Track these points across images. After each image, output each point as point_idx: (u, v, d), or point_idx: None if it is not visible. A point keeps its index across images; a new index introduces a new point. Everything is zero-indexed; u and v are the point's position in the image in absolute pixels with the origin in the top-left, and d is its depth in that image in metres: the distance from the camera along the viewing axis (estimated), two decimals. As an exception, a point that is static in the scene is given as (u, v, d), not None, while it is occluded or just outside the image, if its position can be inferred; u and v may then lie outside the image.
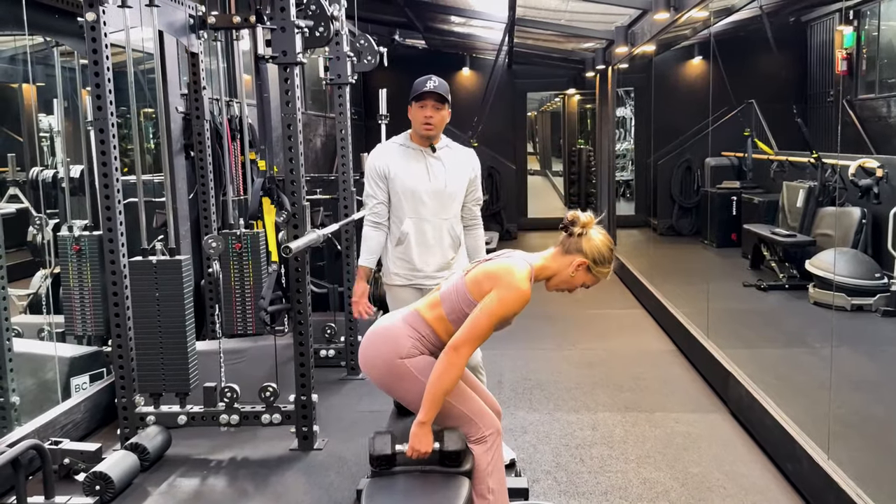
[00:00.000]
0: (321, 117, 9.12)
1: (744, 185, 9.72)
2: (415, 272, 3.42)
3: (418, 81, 3.38)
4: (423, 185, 3.37)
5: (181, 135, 4.93)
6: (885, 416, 3.98)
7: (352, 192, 4.93)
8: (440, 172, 3.39)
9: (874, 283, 6.04)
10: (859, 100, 9.77)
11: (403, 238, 3.39)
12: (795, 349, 5.31)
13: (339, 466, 3.61)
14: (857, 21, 9.77)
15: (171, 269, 3.67)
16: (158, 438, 3.66)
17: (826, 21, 10.54)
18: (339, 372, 5.00)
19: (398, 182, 3.37)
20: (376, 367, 2.53)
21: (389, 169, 3.38)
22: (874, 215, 6.57)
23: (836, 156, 7.38)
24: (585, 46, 9.89)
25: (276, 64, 3.53)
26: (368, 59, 4.80)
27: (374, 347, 2.54)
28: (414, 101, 3.35)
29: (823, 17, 10.52)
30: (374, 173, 3.41)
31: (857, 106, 9.78)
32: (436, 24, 9.53)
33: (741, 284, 7.31)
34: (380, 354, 2.51)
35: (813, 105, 10.88)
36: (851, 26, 9.79)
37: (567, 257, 2.53)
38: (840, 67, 10.03)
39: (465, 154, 3.51)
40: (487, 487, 2.48)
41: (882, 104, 9.20)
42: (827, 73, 10.58)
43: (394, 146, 3.47)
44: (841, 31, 9.96)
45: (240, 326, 4.58)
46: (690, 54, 11.20)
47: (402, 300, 3.42)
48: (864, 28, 9.73)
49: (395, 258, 3.44)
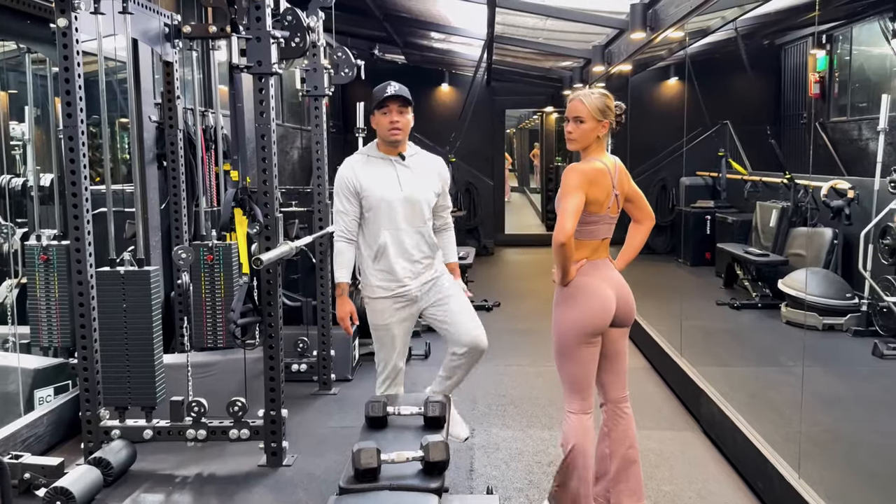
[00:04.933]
0: (298, 130, 9.08)
1: (718, 205, 9.81)
2: (398, 283, 3.37)
3: (377, 89, 3.36)
4: (395, 194, 3.32)
5: (154, 144, 4.87)
6: (854, 435, 4.00)
7: (327, 205, 4.90)
8: (411, 180, 3.36)
9: (845, 303, 6.11)
10: (831, 122, 9.93)
11: (382, 250, 3.33)
12: (767, 368, 5.34)
13: (308, 483, 3.54)
14: (829, 45, 9.95)
15: (139, 280, 3.61)
16: (123, 453, 3.58)
17: (800, 45, 10.72)
18: (310, 387, 4.94)
19: (371, 195, 3.32)
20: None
21: (360, 182, 3.33)
22: (845, 236, 6.65)
23: (809, 177, 7.48)
24: (563, 65, 9.97)
25: (250, 74, 3.50)
26: (346, 71, 4.79)
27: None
28: (376, 109, 3.33)
29: (797, 40, 10.70)
30: (345, 188, 3.35)
31: (829, 128, 9.94)
32: (415, 39, 9.55)
33: (714, 303, 7.36)
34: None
35: (786, 127, 11.04)
36: (824, 50, 9.97)
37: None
38: (813, 90, 10.20)
39: (433, 160, 3.50)
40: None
41: (853, 127, 9.35)
42: (800, 95, 10.75)
43: (361, 158, 3.42)
44: (814, 55, 10.14)
45: (210, 340, 4.51)
46: (667, 74, 11.32)
47: (383, 312, 3.40)
48: (837, 52, 9.91)
49: (375, 271, 3.38)
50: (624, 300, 2.95)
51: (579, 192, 2.77)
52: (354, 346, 5.34)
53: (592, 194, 2.81)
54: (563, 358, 2.94)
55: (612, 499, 3.05)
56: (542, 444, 3.99)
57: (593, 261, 2.92)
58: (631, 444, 3.03)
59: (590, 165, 2.85)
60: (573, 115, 2.90)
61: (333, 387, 4.95)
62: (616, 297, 2.91)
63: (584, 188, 2.78)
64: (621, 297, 2.94)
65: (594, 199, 2.82)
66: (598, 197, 2.83)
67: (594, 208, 2.84)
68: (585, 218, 2.82)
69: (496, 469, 3.68)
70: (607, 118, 2.89)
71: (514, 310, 7.54)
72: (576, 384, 2.95)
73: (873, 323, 5.79)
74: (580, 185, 2.78)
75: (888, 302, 5.51)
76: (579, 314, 2.86)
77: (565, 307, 2.90)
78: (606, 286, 2.90)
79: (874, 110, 8.73)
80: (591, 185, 2.81)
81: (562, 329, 2.90)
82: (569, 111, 2.92)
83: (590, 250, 2.91)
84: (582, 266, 2.89)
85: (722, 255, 8.41)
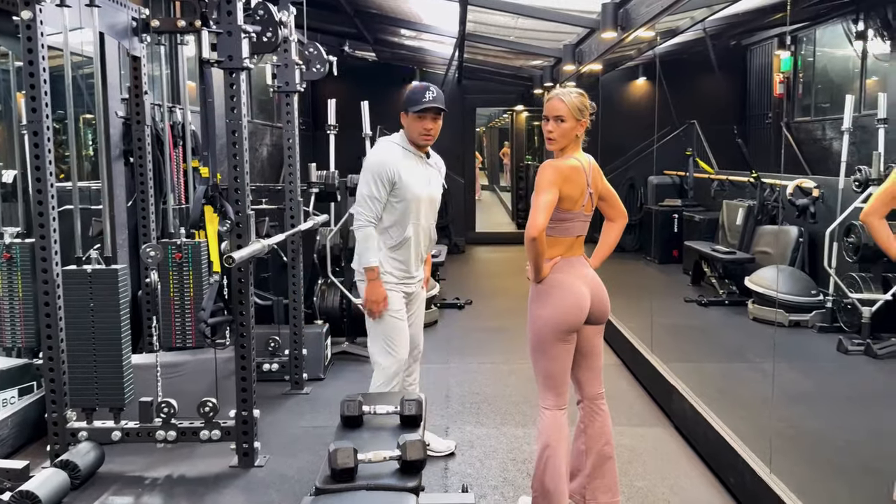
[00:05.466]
0: (268, 126, 8.99)
1: (685, 203, 9.92)
2: (407, 275, 3.51)
3: (416, 91, 3.42)
4: (423, 191, 3.45)
5: (121, 140, 4.77)
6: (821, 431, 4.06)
7: (298, 203, 4.85)
8: (432, 179, 3.51)
9: (810, 300, 6.22)
10: (796, 122, 10.11)
11: (405, 242, 3.44)
12: (736, 364, 5.41)
13: (281, 484, 3.50)
14: (794, 46, 10.13)
15: (106, 279, 3.53)
16: (91, 455, 3.50)
17: (765, 46, 10.89)
18: (282, 386, 4.88)
19: (406, 188, 3.39)
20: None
21: (399, 173, 3.38)
22: (810, 234, 6.77)
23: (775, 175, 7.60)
24: (534, 63, 10.00)
25: (221, 69, 3.45)
26: (318, 67, 4.74)
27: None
28: (411, 110, 3.38)
29: (762, 41, 10.87)
30: (384, 175, 3.37)
31: (793, 128, 10.12)
32: (386, 36, 9.51)
33: (682, 300, 7.44)
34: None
35: (752, 126, 11.21)
36: (789, 51, 10.14)
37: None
38: (778, 91, 10.38)
39: (440, 160, 3.65)
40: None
41: (817, 127, 9.53)
42: (765, 96, 10.93)
43: (398, 149, 3.46)
44: (779, 56, 10.31)
45: (179, 339, 4.43)
46: (636, 74, 11.42)
47: (393, 298, 3.48)
48: (801, 53, 10.09)
49: (390, 258, 3.47)
50: (598, 297, 2.97)
51: (553, 188, 2.78)
52: (327, 345, 5.30)
53: (567, 191, 2.82)
54: (537, 354, 2.95)
55: (587, 495, 3.06)
56: (517, 442, 3.99)
57: (568, 258, 2.93)
58: (607, 441, 3.05)
59: (565, 163, 2.86)
60: (554, 114, 2.90)
61: (305, 386, 4.90)
62: (591, 294, 2.93)
63: (558, 185, 2.79)
64: (596, 294, 2.96)
65: (568, 196, 2.83)
66: (572, 194, 2.84)
67: (568, 205, 2.85)
68: (560, 215, 2.83)
69: (471, 467, 3.68)
70: (585, 117, 2.90)
71: (485, 308, 7.54)
72: (550, 380, 2.96)
73: (838, 319, 5.90)
74: (554, 182, 2.78)
75: (852, 298, 5.61)
76: (553, 311, 2.87)
77: (540, 304, 2.90)
78: (581, 283, 2.92)
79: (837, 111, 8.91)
80: (566, 182, 2.82)
81: (537, 325, 2.91)
82: (548, 110, 2.92)
83: (564, 247, 2.92)
84: (556, 263, 2.90)
85: (689, 252, 8.51)
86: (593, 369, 3.06)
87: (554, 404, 2.96)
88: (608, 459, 3.05)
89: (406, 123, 3.46)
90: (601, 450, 3.04)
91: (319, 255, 5.84)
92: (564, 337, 2.89)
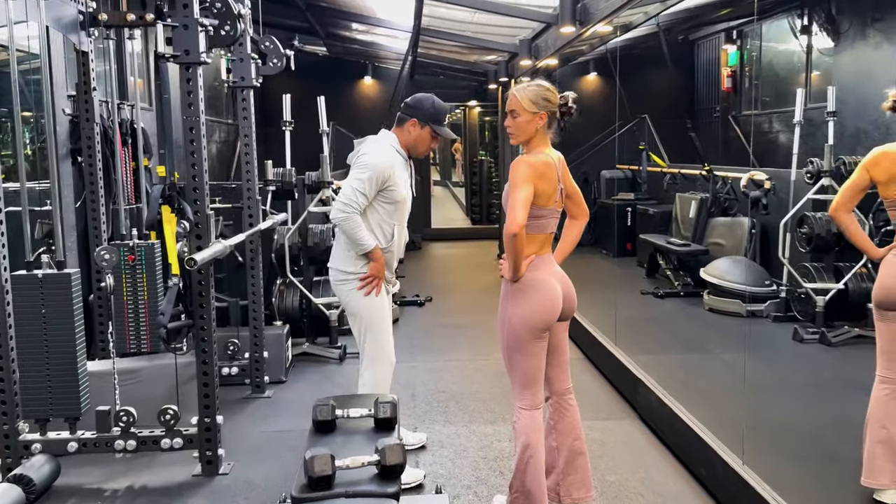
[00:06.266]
0: (217, 122, 8.78)
1: (638, 197, 10.04)
2: (389, 272, 3.54)
3: (440, 110, 3.51)
4: (408, 194, 3.51)
5: (68, 139, 4.58)
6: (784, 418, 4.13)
7: (257, 201, 4.72)
8: (413, 182, 3.56)
9: (765, 290, 6.34)
10: (743, 115, 10.31)
11: (392, 244, 3.50)
12: (697, 355, 5.48)
13: (249, 492, 3.40)
14: (740, 41, 10.32)
15: (59, 284, 3.36)
16: (46, 468, 3.35)
17: (712, 40, 11.07)
18: (242, 390, 4.76)
19: (398, 191, 3.42)
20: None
21: (395, 179, 3.40)
22: (763, 225, 6.91)
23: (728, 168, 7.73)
24: (488, 59, 9.97)
25: (177, 63, 3.32)
26: (274, 61, 4.62)
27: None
28: (434, 127, 3.46)
29: (710, 35, 11.05)
30: (381, 177, 3.38)
31: (740, 121, 10.32)
32: (338, 30, 9.37)
33: (639, 292, 7.52)
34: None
35: (700, 120, 11.40)
36: (735, 45, 10.33)
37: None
38: (725, 85, 10.57)
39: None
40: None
41: (764, 120, 9.74)
42: (713, 90, 11.12)
43: (396, 154, 3.48)
44: (726, 50, 10.50)
45: (133, 344, 4.27)
46: (588, 69, 11.51)
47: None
48: (747, 48, 10.28)
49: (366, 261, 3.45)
50: (568, 294, 2.97)
51: (528, 183, 2.74)
52: (287, 347, 5.18)
53: (541, 187, 2.79)
54: (514, 353, 2.91)
55: (561, 492, 3.04)
56: (487, 440, 3.96)
57: (542, 255, 2.91)
58: (577, 436, 3.04)
59: (538, 158, 2.82)
60: (508, 108, 2.91)
61: (267, 389, 4.78)
62: (562, 290, 2.91)
63: (532, 180, 2.76)
64: (566, 290, 2.95)
65: (542, 192, 2.80)
66: (546, 190, 2.81)
67: (542, 201, 2.81)
68: (535, 211, 2.79)
69: (442, 467, 3.63)
70: (545, 110, 2.85)
71: (445, 304, 7.50)
72: (527, 379, 2.93)
73: (792, 308, 6.02)
74: (529, 177, 2.75)
75: (806, 288, 5.74)
76: (531, 309, 2.84)
77: (516, 302, 2.87)
78: (555, 280, 2.90)
79: (783, 104, 9.13)
80: (540, 178, 2.78)
81: (513, 324, 2.87)
82: (506, 105, 2.92)
83: (539, 245, 2.89)
84: (532, 261, 2.87)
85: (644, 245, 8.60)
86: (561, 365, 3.05)
87: (531, 403, 2.93)
88: (580, 455, 3.04)
89: (414, 132, 3.48)
90: (572, 445, 3.02)
91: (277, 254, 5.72)
92: (540, 335, 2.86)
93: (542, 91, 2.87)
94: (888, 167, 3.04)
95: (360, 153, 3.45)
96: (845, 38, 7.69)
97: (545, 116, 2.86)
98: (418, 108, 3.48)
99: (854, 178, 3.19)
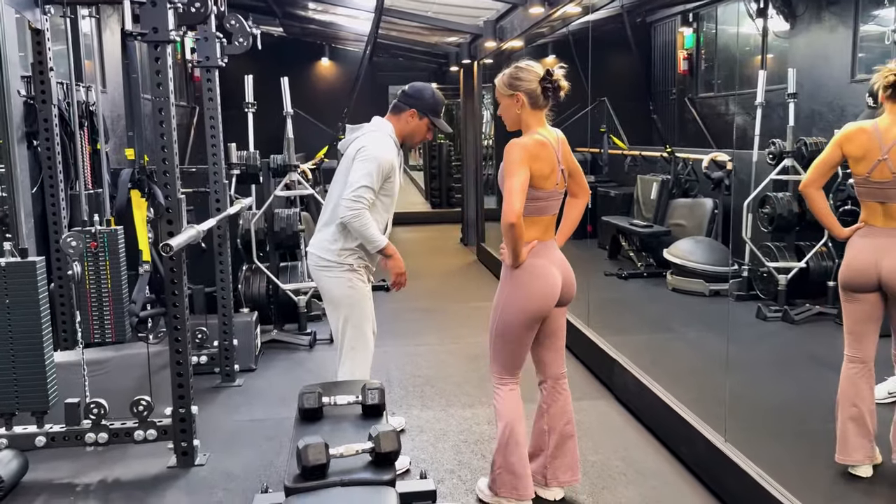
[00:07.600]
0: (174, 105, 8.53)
1: (599, 179, 10.09)
2: (373, 262, 3.47)
3: (440, 102, 3.42)
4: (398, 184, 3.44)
5: (23, 122, 4.38)
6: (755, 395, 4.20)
7: (224, 186, 4.60)
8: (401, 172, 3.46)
9: (728, 270, 6.44)
10: (700, 98, 10.45)
11: (382, 232, 3.41)
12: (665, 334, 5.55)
13: (227, 482, 3.33)
14: (696, 23, 10.44)
15: (23, 273, 3.22)
16: (13, 464, 3.22)
17: (669, 22, 11.17)
18: (212, 379, 4.65)
19: (394, 182, 3.34)
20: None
21: (395, 169, 3.32)
22: (724, 206, 7.01)
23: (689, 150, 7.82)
24: (449, 40, 9.89)
25: (145, 42, 3.19)
26: (240, 40, 4.48)
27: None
28: (432, 118, 3.36)
29: (666, 18, 11.15)
30: (388, 169, 3.27)
31: (697, 104, 10.45)
32: (295, 10, 9.18)
33: (602, 274, 7.59)
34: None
35: (658, 102, 11.51)
36: (691, 28, 10.45)
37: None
38: (682, 67, 10.69)
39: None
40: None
41: (720, 102, 9.88)
42: (670, 72, 11.23)
43: (394, 145, 3.38)
44: (682, 33, 10.61)
45: (97, 334, 4.13)
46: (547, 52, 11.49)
47: (363, 279, 3.44)
48: (703, 30, 10.41)
49: (357, 252, 3.36)
50: (568, 279, 2.94)
51: (523, 167, 2.70)
52: (256, 335, 5.08)
53: (537, 169, 2.74)
54: (503, 337, 2.89)
55: (548, 475, 3.05)
56: (466, 423, 3.94)
57: (544, 242, 2.86)
58: (568, 420, 3.04)
59: (530, 139, 2.78)
60: (496, 98, 2.91)
61: (237, 378, 4.69)
62: (562, 277, 2.89)
63: (526, 163, 2.71)
64: (566, 276, 2.93)
65: (539, 174, 2.75)
66: (543, 171, 2.77)
67: (540, 183, 2.77)
68: (533, 194, 2.75)
69: (424, 452, 3.61)
70: (520, 90, 2.81)
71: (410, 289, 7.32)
72: (510, 362, 2.93)
73: (754, 288, 6.14)
74: (522, 161, 2.71)
75: (769, 267, 5.85)
76: (528, 298, 2.81)
77: (514, 289, 2.83)
78: (555, 268, 2.87)
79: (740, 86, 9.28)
80: (534, 160, 2.74)
81: (508, 310, 2.85)
82: None
83: (541, 229, 2.84)
84: (534, 247, 2.82)
85: (606, 227, 8.66)
86: (557, 349, 3.04)
87: (511, 382, 2.94)
88: (570, 438, 3.04)
89: (412, 123, 3.39)
90: (563, 429, 3.03)
91: (243, 240, 5.59)
92: (533, 324, 2.86)
93: (513, 72, 2.84)
94: (864, 142, 3.08)
95: (361, 146, 3.27)
96: (801, 22, 7.83)
97: (521, 97, 2.81)
98: (418, 99, 3.38)
99: (826, 154, 3.23)
